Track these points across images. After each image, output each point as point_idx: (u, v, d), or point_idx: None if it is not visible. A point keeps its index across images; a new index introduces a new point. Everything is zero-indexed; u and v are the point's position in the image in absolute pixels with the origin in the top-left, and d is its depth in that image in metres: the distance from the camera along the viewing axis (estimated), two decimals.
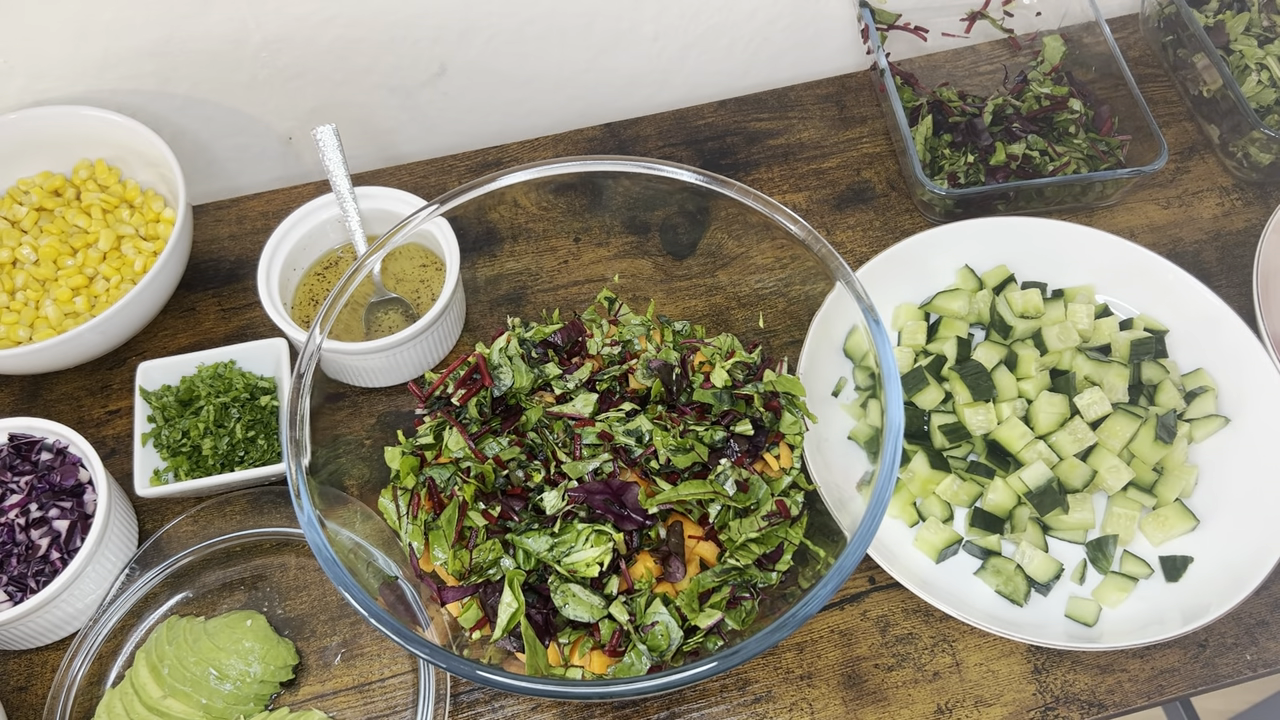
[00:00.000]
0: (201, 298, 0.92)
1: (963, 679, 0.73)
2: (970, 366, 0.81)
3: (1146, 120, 0.90)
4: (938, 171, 0.94)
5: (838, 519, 0.68)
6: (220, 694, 0.70)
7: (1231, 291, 0.90)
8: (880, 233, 0.95)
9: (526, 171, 0.75)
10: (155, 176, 0.91)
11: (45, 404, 0.86)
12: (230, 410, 0.80)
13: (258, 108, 0.97)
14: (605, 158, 0.85)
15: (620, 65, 1.03)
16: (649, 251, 0.85)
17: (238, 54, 0.91)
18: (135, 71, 0.91)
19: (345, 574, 0.58)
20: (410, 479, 0.71)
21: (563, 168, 0.76)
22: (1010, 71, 1.04)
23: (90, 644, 0.73)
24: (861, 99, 1.04)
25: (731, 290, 0.82)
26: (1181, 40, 1.00)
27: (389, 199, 0.86)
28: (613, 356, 0.77)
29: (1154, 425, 0.78)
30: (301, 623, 0.76)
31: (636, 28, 1.00)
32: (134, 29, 0.87)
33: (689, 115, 1.03)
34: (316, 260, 0.88)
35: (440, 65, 0.98)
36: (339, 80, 0.97)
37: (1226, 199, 0.96)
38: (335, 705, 0.73)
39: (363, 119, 1.01)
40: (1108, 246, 0.85)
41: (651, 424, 0.70)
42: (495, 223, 0.80)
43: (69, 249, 0.87)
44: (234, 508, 0.79)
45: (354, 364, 0.78)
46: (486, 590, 0.67)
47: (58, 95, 0.90)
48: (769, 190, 0.98)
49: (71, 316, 0.85)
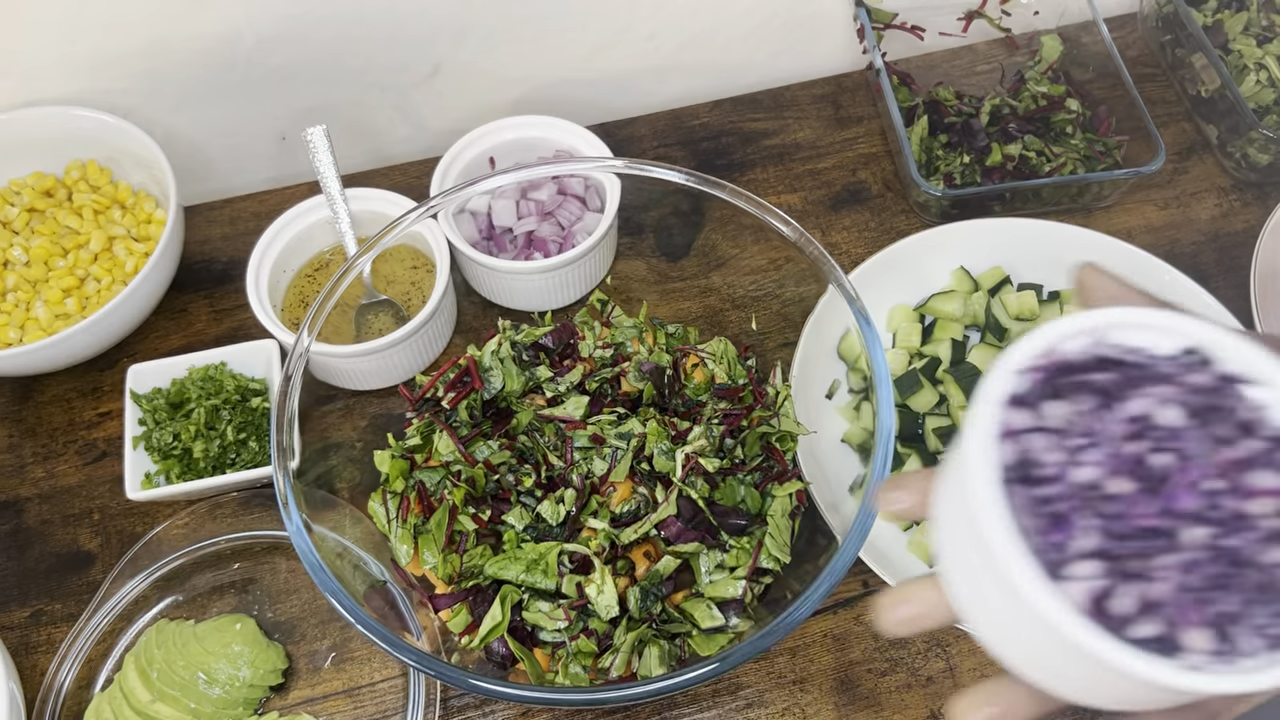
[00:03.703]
0: (193, 299, 0.92)
1: (956, 684, 0.73)
2: (965, 369, 0.80)
3: (1144, 120, 0.90)
4: (933, 172, 0.94)
5: (830, 522, 0.67)
6: (209, 698, 0.69)
7: (1230, 293, 0.89)
8: (876, 233, 0.94)
9: (519, 173, 0.74)
10: (147, 177, 0.91)
11: (36, 406, 0.86)
12: (221, 412, 0.79)
13: (250, 108, 0.97)
14: (598, 158, 0.85)
15: (615, 65, 1.03)
16: (642, 253, 0.85)
17: (230, 54, 0.91)
18: (127, 72, 0.90)
19: (332, 580, 0.58)
20: (400, 482, 0.71)
21: (555, 169, 0.75)
22: (1007, 71, 1.03)
23: (79, 648, 0.73)
24: (858, 99, 1.03)
25: (726, 292, 0.82)
26: (1180, 40, 0.99)
27: (380, 200, 0.86)
28: (605, 359, 0.77)
29: None
30: (291, 626, 0.75)
31: (631, 27, 0.99)
32: (126, 29, 0.87)
33: (684, 115, 1.03)
34: (307, 262, 0.88)
35: (434, 65, 0.98)
36: (332, 80, 0.96)
37: (1225, 200, 0.96)
38: (325, 709, 0.72)
39: (356, 119, 1.01)
40: (1104, 248, 0.85)
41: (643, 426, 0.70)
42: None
43: (60, 250, 0.86)
44: (224, 510, 0.79)
45: (344, 366, 0.78)
46: (477, 598, 0.66)
47: (49, 95, 0.90)
48: (764, 191, 0.97)
49: (62, 318, 0.84)
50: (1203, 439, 0.34)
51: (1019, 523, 0.33)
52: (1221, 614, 0.32)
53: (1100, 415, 0.35)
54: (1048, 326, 0.36)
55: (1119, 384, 0.35)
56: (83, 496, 0.82)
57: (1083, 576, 0.32)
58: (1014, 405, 0.35)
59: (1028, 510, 0.33)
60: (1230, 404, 0.35)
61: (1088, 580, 0.32)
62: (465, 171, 0.88)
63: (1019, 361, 0.35)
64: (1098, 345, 0.36)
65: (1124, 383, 0.35)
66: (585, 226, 0.85)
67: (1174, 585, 0.32)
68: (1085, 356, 0.36)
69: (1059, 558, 0.33)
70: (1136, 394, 0.35)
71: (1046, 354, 0.36)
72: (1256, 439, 0.34)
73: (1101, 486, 0.33)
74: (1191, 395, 0.35)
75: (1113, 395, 0.35)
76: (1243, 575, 0.32)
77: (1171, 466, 0.33)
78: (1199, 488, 0.33)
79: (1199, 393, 0.35)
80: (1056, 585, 0.32)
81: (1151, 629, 0.32)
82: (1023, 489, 0.34)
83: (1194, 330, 0.36)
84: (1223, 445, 0.34)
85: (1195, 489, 0.33)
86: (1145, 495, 0.33)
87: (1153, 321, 0.36)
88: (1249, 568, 0.32)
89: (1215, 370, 0.35)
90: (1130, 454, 0.34)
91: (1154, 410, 0.34)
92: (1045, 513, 0.33)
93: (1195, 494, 0.33)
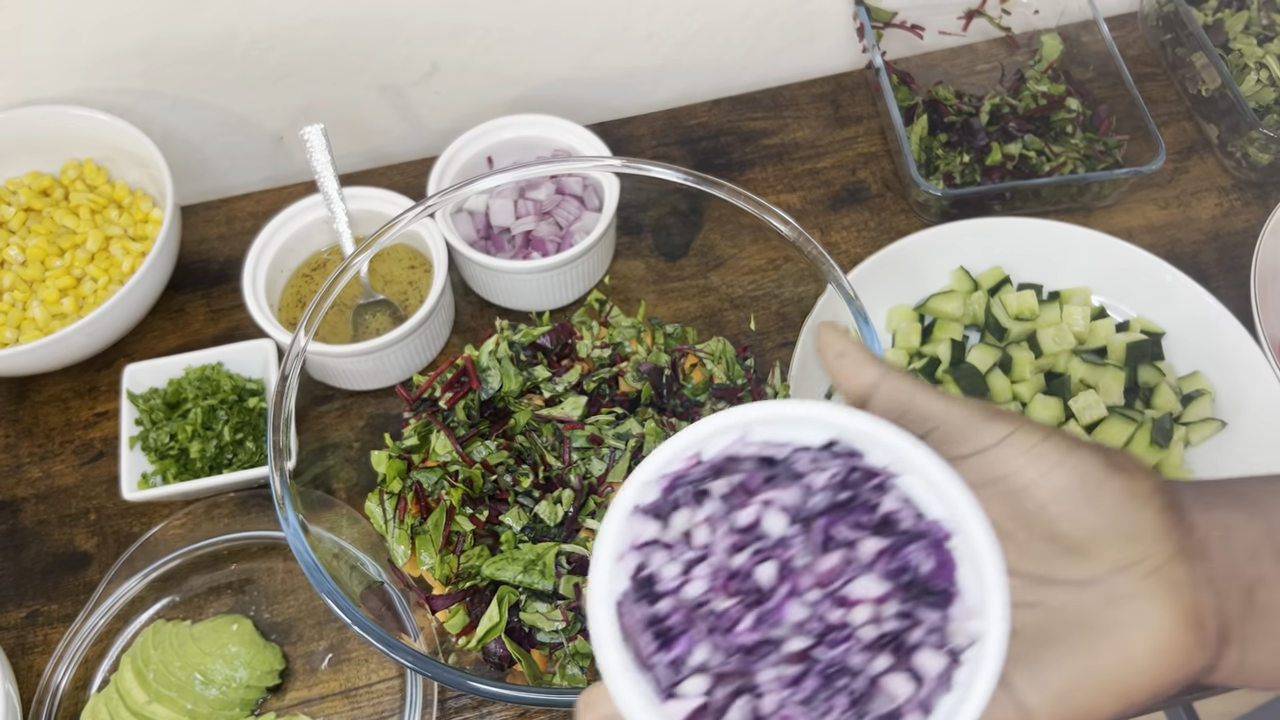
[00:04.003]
0: (190, 299, 0.92)
1: None
2: (965, 369, 0.80)
3: (1145, 120, 0.90)
4: (933, 171, 0.94)
5: None
6: (206, 699, 0.69)
7: (1230, 293, 0.89)
8: (875, 233, 0.94)
9: (517, 172, 0.74)
10: (144, 176, 0.90)
11: (33, 406, 0.86)
12: (218, 412, 0.79)
13: (247, 107, 0.97)
14: (596, 158, 0.85)
15: (613, 64, 1.03)
16: (641, 252, 0.85)
17: (227, 53, 0.91)
18: (124, 71, 0.90)
19: (329, 580, 0.58)
20: (397, 483, 0.71)
21: (553, 168, 0.75)
22: (1007, 70, 1.03)
23: (75, 648, 0.73)
24: (857, 98, 1.03)
25: (724, 292, 0.81)
26: (1180, 39, 0.99)
27: (377, 200, 0.86)
28: (603, 359, 0.76)
29: (1150, 429, 0.77)
30: (288, 627, 0.75)
31: (630, 27, 0.99)
32: (122, 28, 0.87)
33: (682, 115, 1.02)
34: (304, 262, 0.87)
35: (431, 64, 0.97)
36: (330, 79, 0.96)
37: (1225, 199, 0.95)
38: (322, 711, 0.72)
39: (354, 118, 1.01)
40: (1104, 247, 0.84)
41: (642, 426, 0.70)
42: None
43: (57, 249, 0.86)
44: (221, 511, 0.78)
45: (341, 366, 0.78)
46: (474, 599, 0.66)
47: (46, 95, 0.90)
48: (763, 190, 0.97)
49: (59, 318, 0.84)
50: (808, 546, 0.33)
51: (632, 642, 0.33)
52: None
53: (716, 525, 0.34)
54: (691, 428, 0.34)
55: (744, 487, 0.34)
56: (79, 497, 0.82)
57: (693, 694, 0.32)
58: (645, 515, 0.34)
59: (643, 627, 0.33)
60: (865, 498, 0.34)
61: (696, 698, 0.32)
62: (463, 171, 0.88)
63: (653, 469, 0.34)
64: (742, 444, 0.35)
65: (744, 487, 0.34)
66: (583, 226, 0.85)
67: (779, 700, 0.32)
68: (720, 458, 0.35)
69: (675, 676, 0.32)
70: (754, 500, 0.34)
71: (686, 456, 0.35)
72: (883, 536, 0.33)
73: (710, 602, 0.33)
74: (821, 494, 0.34)
75: (732, 502, 0.34)
76: (846, 686, 0.32)
77: (775, 578, 0.33)
78: (804, 599, 0.33)
79: (829, 489, 0.34)
80: (666, 704, 0.32)
81: None
82: (641, 606, 0.33)
83: (840, 421, 0.34)
84: (833, 550, 0.33)
85: (800, 599, 0.33)
86: (749, 609, 0.33)
87: (801, 414, 0.35)
88: (851, 678, 0.32)
89: (856, 463, 0.34)
90: (736, 567, 0.33)
91: (765, 517, 0.33)
92: (661, 630, 0.33)
93: (800, 605, 0.32)
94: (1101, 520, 0.34)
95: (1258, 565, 0.35)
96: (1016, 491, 0.34)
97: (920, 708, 0.32)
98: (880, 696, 0.32)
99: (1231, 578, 0.35)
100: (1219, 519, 0.36)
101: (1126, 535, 0.34)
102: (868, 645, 0.32)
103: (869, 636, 0.32)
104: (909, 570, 0.33)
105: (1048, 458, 0.34)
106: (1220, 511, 0.36)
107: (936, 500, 0.34)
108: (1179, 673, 0.34)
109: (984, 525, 0.33)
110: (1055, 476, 0.34)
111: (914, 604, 0.33)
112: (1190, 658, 0.34)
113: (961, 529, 0.33)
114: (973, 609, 0.33)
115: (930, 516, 0.34)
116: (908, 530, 0.33)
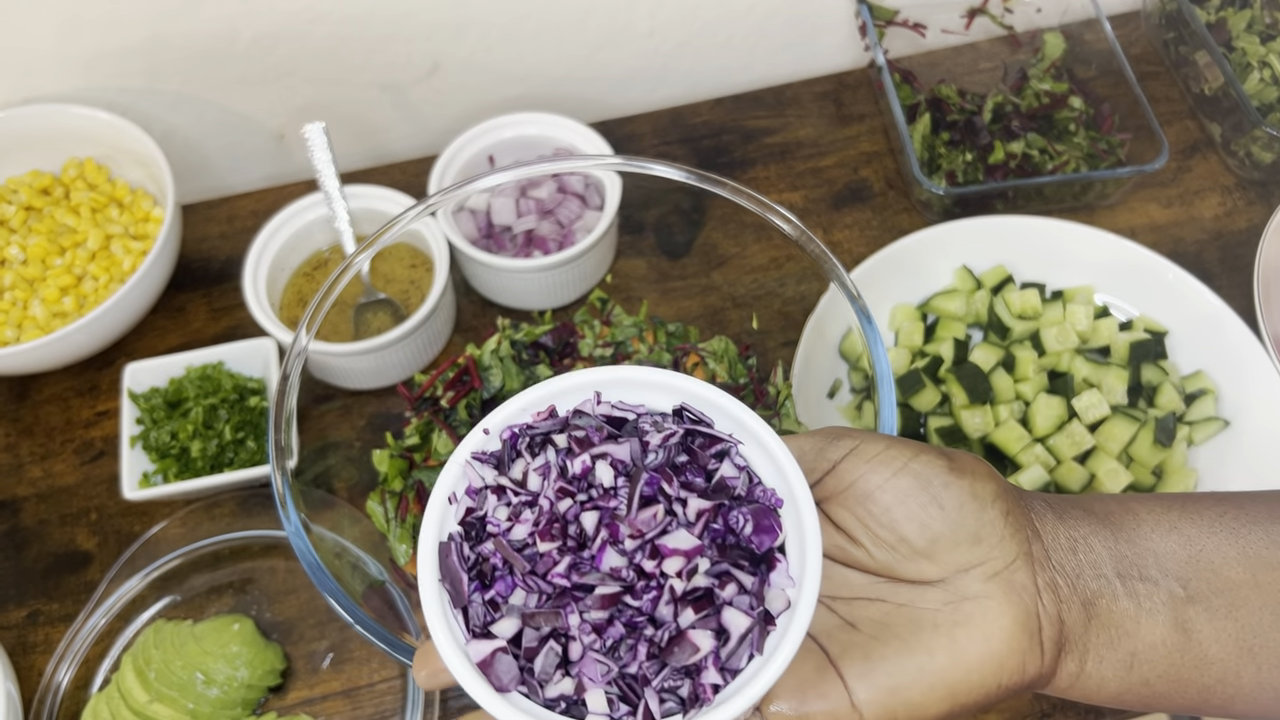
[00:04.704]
0: (191, 297, 0.91)
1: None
2: (968, 368, 0.80)
3: (1147, 118, 0.89)
4: (936, 170, 0.93)
5: None
6: (207, 699, 0.69)
7: (1233, 292, 0.89)
8: (878, 232, 0.94)
9: (518, 170, 0.74)
10: (144, 175, 0.90)
11: (33, 405, 0.86)
12: (219, 411, 0.79)
13: (248, 105, 0.96)
14: (598, 156, 0.85)
15: (615, 62, 1.02)
16: (643, 251, 0.85)
17: (228, 51, 0.91)
18: (124, 69, 0.90)
19: (330, 580, 0.58)
20: (398, 482, 0.71)
21: (555, 166, 0.75)
22: (1010, 69, 1.03)
23: (76, 648, 0.73)
24: (859, 96, 1.03)
25: (727, 290, 0.81)
26: (1183, 37, 0.99)
27: (378, 198, 0.86)
28: (605, 358, 0.76)
29: (1153, 428, 0.77)
30: (290, 627, 0.75)
31: (632, 24, 0.99)
32: (123, 26, 0.86)
33: (685, 113, 1.02)
34: (305, 260, 0.87)
35: (433, 62, 0.97)
36: (331, 78, 0.96)
37: (1228, 198, 0.95)
38: (323, 710, 0.72)
39: (355, 117, 1.01)
40: (1107, 246, 0.84)
41: None
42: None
43: (57, 248, 0.86)
44: (222, 510, 0.78)
45: (342, 365, 0.78)
46: None
47: (46, 93, 0.90)
48: (765, 189, 0.97)
49: (59, 316, 0.84)
50: (635, 500, 0.34)
51: (450, 582, 0.34)
52: (628, 675, 0.32)
53: (548, 473, 0.35)
54: (541, 384, 0.37)
55: (585, 442, 0.35)
56: (80, 496, 0.82)
57: (505, 634, 0.33)
58: (485, 463, 0.36)
59: (465, 567, 0.34)
60: (703, 461, 0.35)
61: (501, 640, 0.33)
62: (464, 169, 0.88)
63: (498, 421, 0.36)
64: (594, 404, 0.37)
65: (585, 442, 0.35)
66: (585, 224, 0.84)
67: (583, 646, 0.32)
68: (570, 414, 0.37)
69: (490, 616, 0.33)
70: (589, 451, 0.35)
71: (534, 411, 0.37)
72: (710, 499, 0.34)
73: (533, 544, 0.34)
74: (658, 453, 0.35)
75: (570, 454, 0.35)
76: (650, 636, 0.33)
77: (596, 525, 0.34)
78: (621, 547, 0.33)
79: (668, 449, 0.35)
80: (475, 644, 0.33)
81: (564, 688, 0.32)
82: (467, 547, 0.35)
83: (689, 389, 0.36)
84: (657, 504, 0.34)
85: (617, 548, 0.33)
86: (566, 553, 0.34)
87: (652, 380, 0.37)
88: (656, 628, 0.33)
89: (699, 430, 0.36)
90: (560, 512, 0.34)
91: (597, 468, 0.35)
92: (481, 570, 0.34)
93: (616, 554, 0.33)
94: (944, 522, 0.35)
95: (1102, 578, 0.36)
96: (862, 497, 0.36)
97: (721, 664, 0.33)
98: (683, 649, 0.32)
99: (1075, 588, 0.36)
100: (1068, 530, 0.37)
101: (969, 537, 0.35)
102: (678, 598, 0.33)
103: (679, 589, 0.33)
104: (733, 533, 0.34)
105: (891, 464, 0.35)
106: (1071, 523, 0.37)
107: (772, 471, 0.35)
108: (1012, 678, 0.34)
109: (810, 501, 0.34)
110: (898, 481, 0.35)
111: (731, 564, 0.33)
112: (1025, 663, 0.34)
113: (791, 499, 0.34)
114: (796, 578, 0.34)
115: (764, 485, 0.35)
116: (739, 495, 0.35)
